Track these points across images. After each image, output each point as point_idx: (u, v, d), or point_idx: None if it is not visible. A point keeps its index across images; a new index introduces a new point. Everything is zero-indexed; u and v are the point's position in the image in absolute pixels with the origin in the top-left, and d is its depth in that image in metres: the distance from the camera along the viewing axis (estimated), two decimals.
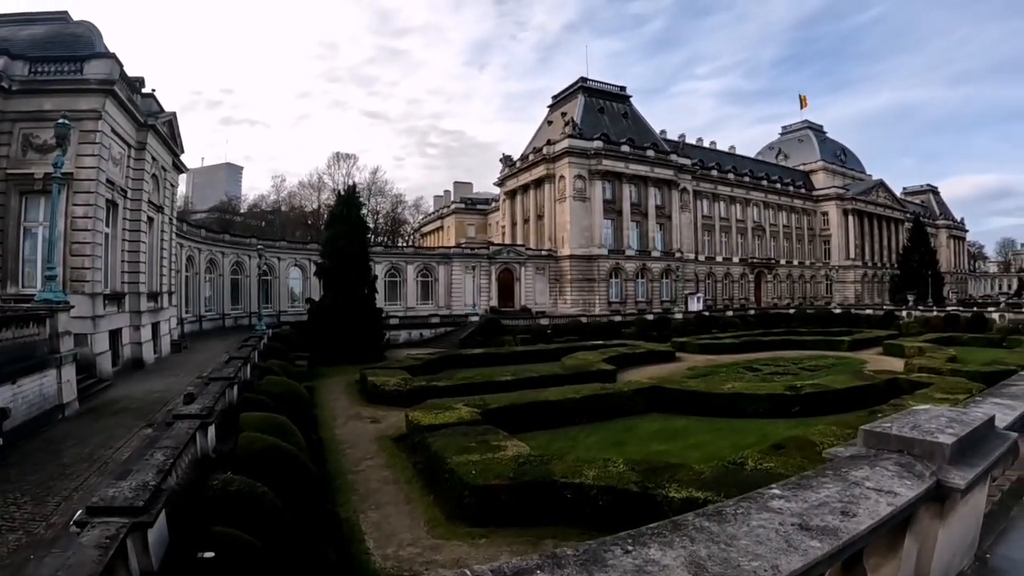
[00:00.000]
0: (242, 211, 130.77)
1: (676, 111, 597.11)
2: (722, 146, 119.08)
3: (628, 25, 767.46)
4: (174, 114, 38.82)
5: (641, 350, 47.46)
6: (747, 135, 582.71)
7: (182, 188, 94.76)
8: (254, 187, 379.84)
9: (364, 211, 66.44)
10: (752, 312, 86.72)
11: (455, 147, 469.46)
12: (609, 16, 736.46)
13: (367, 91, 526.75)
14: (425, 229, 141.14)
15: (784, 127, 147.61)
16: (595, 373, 35.45)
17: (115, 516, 7.28)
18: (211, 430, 14.47)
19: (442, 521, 14.76)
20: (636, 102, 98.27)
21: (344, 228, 49.33)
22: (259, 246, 55.89)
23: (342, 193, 55.19)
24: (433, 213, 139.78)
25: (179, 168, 42.73)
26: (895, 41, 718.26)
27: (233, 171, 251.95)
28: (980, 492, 4.98)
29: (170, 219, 40.02)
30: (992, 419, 5.39)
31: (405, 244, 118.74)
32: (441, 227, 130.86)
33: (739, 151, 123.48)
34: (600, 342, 53.56)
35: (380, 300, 63.78)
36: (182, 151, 41.70)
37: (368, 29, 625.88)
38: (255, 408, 18.38)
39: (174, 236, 42.10)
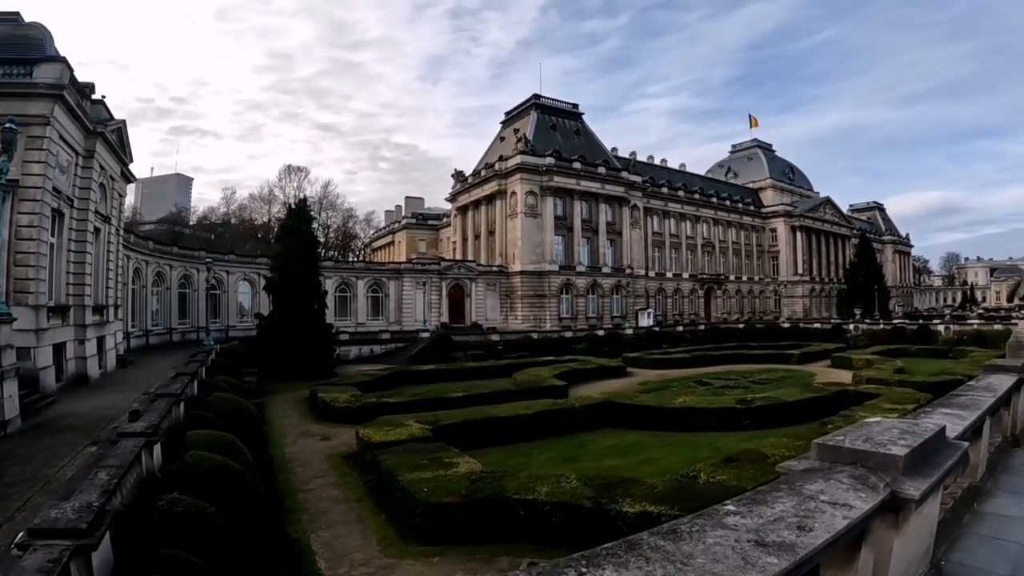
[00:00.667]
0: (191, 223, 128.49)
1: (629, 129, 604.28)
2: (673, 164, 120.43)
3: (583, 43, 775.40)
4: (123, 122, 38.05)
5: (592, 365, 47.51)
6: (698, 153, 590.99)
7: (130, 198, 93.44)
8: (204, 199, 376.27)
9: (315, 225, 65.90)
10: (702, 327, 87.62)
11: (407, 161, 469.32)
12: (564, 34, 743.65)
13: (320, 104, 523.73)
14: (376, 244, 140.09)
15: (734, 145, 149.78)
16: (546, 389, 35.32)
17: (58, 539, 7.04)
18: (157, 448, 14.15)
19: (395, 540, 14.43)
20: (589, 120, 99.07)
21: (294, 243, 48.59)
22: (207, 259, 54.85)
23: (293, 207, 54.65)
24: (384, 228, 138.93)
25: (128, 178, 41.87)
26: (844, 63, 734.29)
27: (183, 182, 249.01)
28: (933, 501, 5.02)
29: (117, 230, 39.17)
30: (943, 430, 5.44)
31: (356, 259, 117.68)
32: (392, 242, 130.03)
33: (690, 169, 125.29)
34: (551, 358, 53.51)
35: (330, 316, 63.09)
36: (131, 160, 40.86)
37: (323, 41, 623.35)
38: (202, 426, 18.03)
39: (121, 248, 41.24)
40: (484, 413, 26.20)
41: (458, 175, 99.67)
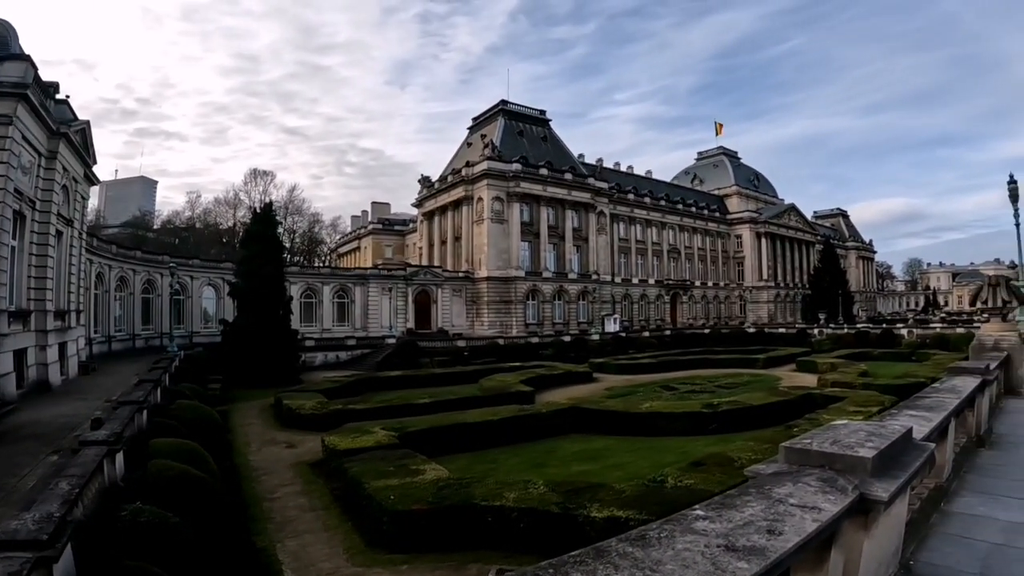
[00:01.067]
0: (156, 227, 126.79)
1: (596, 136, 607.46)
2: (639, 171, 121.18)
3: (551, 50, 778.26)
4: (87, 123, 37.30)
5: (559, 371, 47.38)
6: (665, 160, 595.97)
7: (94, 201, 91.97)
8: (169, 202, 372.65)
9: (280, 230, 65.25)
10: (668, 332, 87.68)
11: (374, 166, 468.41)
12: (532, 41, 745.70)
13: (286, 107, 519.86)
14: (342, 250, 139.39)
15: (700, 153, 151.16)
16: (513, 395, 35.21)
17: (18, 550, 6.83)
18: (119, 457, 13.82)
19: (362, 548, 14.24)
20: (556, 126, 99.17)
21: (259, 248, 48.16)
22: (171, 264, 54.14)
23: (258, 211, 54.13)
24: (350, 233, 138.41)
25: (91, 180, 41.04)
26: (810, 73, 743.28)
27: (148, 185, 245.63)
28: (901, 502, 5.05)
29: (80, 233, 38.43)
30: (910, 431, 5.53)
31: (322, 264, 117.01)
32: (358, 248, 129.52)
33: (656, 176, 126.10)
34: (518, 364, 53.32)
35: (296, 321, 62.68)
36: (95, 162, 40.05)
37: (291, 44, 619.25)
38: (166, 434, 17.75)
39: (84, 251, 40.50)
40: (451, 419, 26.05)
41: (424, 180, 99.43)
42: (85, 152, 37.28)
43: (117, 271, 52.35)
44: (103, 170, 45.46)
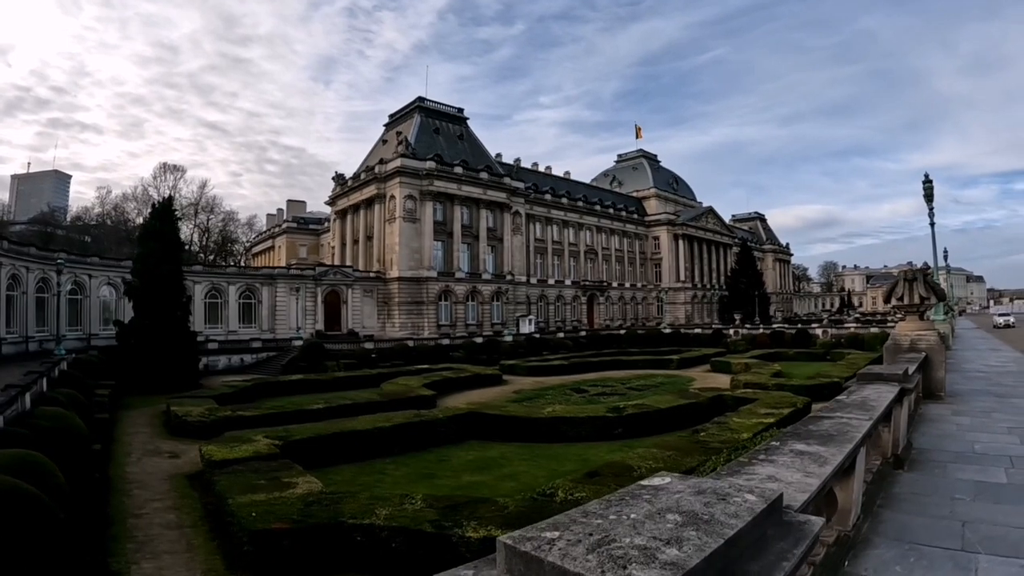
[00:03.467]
0: (65, 224, 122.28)
1: (520, 138, 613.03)
2: (559, 172, 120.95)
3: (478, 51, 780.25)
4: None
5: (466, 374, 46.07)
6: (587, 164, 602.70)
7: (3, 195, 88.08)
8: (82, 198, 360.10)
9: (191, 228, 62.72)
10: (584, 333, 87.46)
11: (295, 165, 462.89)
12: (459, 40, 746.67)
13: (206, 100, 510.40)
14: (256, 249, 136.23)
15: (620, 155, 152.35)
16: (414, 399, 33.67)
17: None
18: None
19: (221, 571, 12.89)
20: (481, 128, 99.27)
21: (156, 245, 45.63)
22: (58, 260, 50.87)
23: (157, 206, 51.69)
24: (265, 232, 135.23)
25: None
26: (731, 82, 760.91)
27: (60, 180, 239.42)
28: None
29: None
30: (778, 501, 3.40)
31: (236, 263, 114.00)
32: (272, 247, 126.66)
33: (580, 179, 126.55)
34: (426, 366, 52.09)
35: (200, 323, 61.37)
36: None
37: (212, 34, 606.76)
38: (12, 445, 16.03)
39: None
40: (338, 427, 24.34)
41: (339, 178, 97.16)
42: None
43: (8, 269, 49.07)
44: (14, 163, 42.72)
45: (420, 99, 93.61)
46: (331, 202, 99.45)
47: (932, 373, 17.72)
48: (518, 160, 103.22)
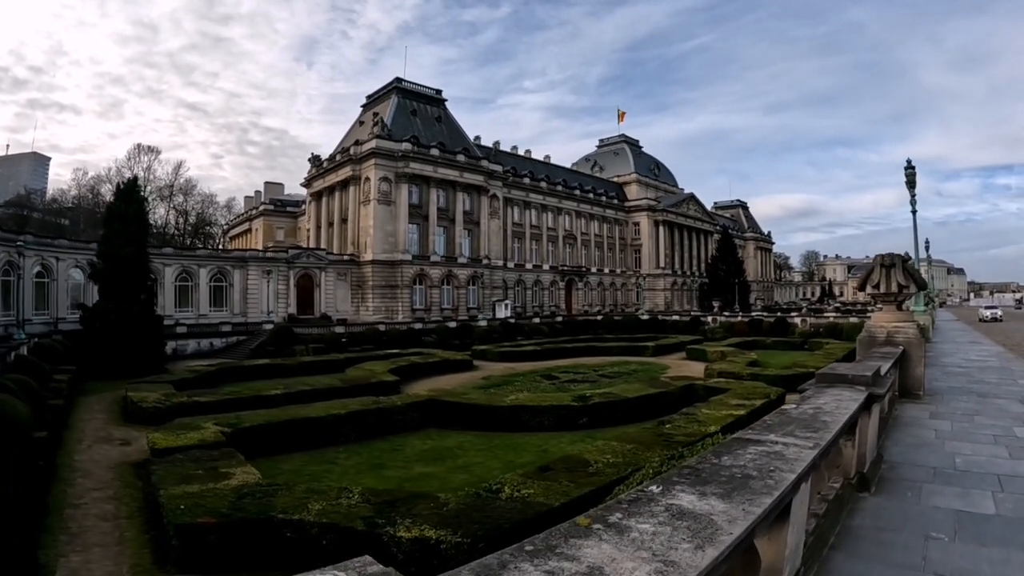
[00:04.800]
0: (41, 206, 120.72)
1: (503, 123, 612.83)
2: (539, 156, 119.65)
3: (462, 33, 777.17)
4: None
5: (435, 359, 45.18)
6: (570, 149, 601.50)
7: None
8: (61, 180, 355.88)
9: (166, 209, 61.44)
10: (560, 319, 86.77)
11: (276, 147, 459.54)
12: (444, 22, 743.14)
13: (186, 80, 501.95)
14: (234, 232, 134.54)
15: (601, 140, 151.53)
16: (376, 385, 32.78)
17: None
18: None
19: (148, 566, 12.39)
20: (464, 110, 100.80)
21: (120, 227, 44.64)
22: (19, 242, 49.46)
23: (121, 187, 50.49)
24: (243, 215, 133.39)
25: None
26: (716, 70, 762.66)
27: (39, 162, 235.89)
28: None
29: None
30: None
31: (213, 246, 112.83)
32: (249, 230, 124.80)
33: (563, 164, 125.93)
34: (396, 351, 51.07)
35: (170, 306, 61.05)
36: None
37: (192, 12, 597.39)
38: None
39: None
40: (291, 414, 23.46)
41: (314, 159, 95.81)
42: None
43: None
44: None
45: (397, 80, 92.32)
46: (307, 184, 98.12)
47: (910, 370, 16.37)
48: (497, 143, 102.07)
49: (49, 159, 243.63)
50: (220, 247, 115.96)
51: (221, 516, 12.36)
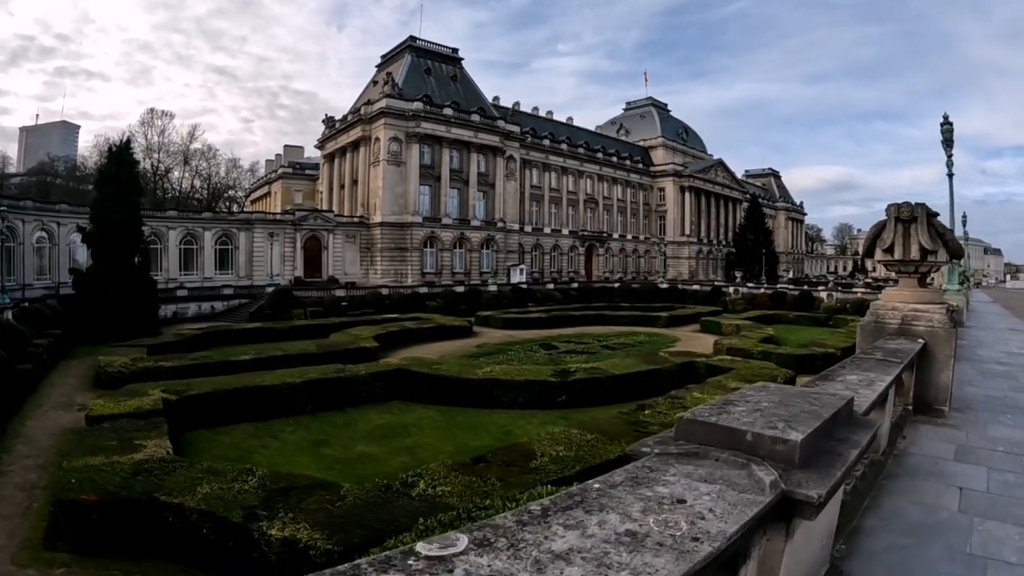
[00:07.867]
0: (63, 173, 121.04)
1: (537, 88, 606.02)
2: (565, 119, 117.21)
3: None
4: None
5: (430, 325, 43.56)
6: (604, 115, 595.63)
7: (12, 148, 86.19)
8: (91, 147, 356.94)
9: (181, 173, 60.23)
10: (576, 286, 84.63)
11: (306, 110, 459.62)
12: None
13: (214, 45, 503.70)
14: (254, 196, 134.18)
15: (628, 103, 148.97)
16: (353, 352, 31.01)
17: None
18: None
19: (37, 543, 11.76)
20: (495, 74, 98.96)
21: (112, 190, 44.01)
22: (4, 207, 48.19)
23: (114, 149, 49.20)
24: (263, 178, 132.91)
25: None
26: (755, 36, 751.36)
27: (69, 130, 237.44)
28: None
29: None
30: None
31: (238, 208, 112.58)
32: (269, 193, 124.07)
33: (589, 128, 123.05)
34: (395, 316, 49.61)
35: (175, 269, 61.73)
36: None
37: None
38: None
39: None
40: (242, 382, 22.09)
41: (328, 120, 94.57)
42: None
43: None
44: (23, 114, 40.23)
45: (411, 38, 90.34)
46: (320, 145, 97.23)
47: (932, 374, 11.06)
48: (517, 104, 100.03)
49: (79, 127, 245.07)
50: (242, 211, 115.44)
51: (106, 494, 11.51)
